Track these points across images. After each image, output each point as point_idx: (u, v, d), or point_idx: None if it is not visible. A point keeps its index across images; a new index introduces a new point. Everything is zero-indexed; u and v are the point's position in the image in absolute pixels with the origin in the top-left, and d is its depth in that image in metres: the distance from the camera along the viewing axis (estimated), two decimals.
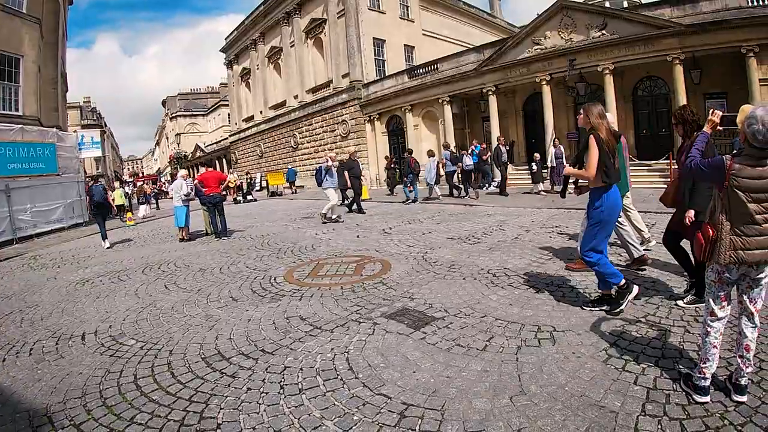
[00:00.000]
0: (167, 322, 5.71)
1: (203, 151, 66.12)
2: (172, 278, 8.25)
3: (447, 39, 36.32)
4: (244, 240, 11.94)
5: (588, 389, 3.29)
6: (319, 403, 3.43)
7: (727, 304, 3.09)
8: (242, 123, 48.24)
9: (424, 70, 26.69)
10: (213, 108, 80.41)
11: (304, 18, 35.40)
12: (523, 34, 21.35)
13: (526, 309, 5.02)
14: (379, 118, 29.71)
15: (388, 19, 32.60)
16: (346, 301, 5.87)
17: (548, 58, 20.05)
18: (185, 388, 3.89)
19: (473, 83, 23.42)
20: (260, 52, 42.22)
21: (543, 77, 20.35)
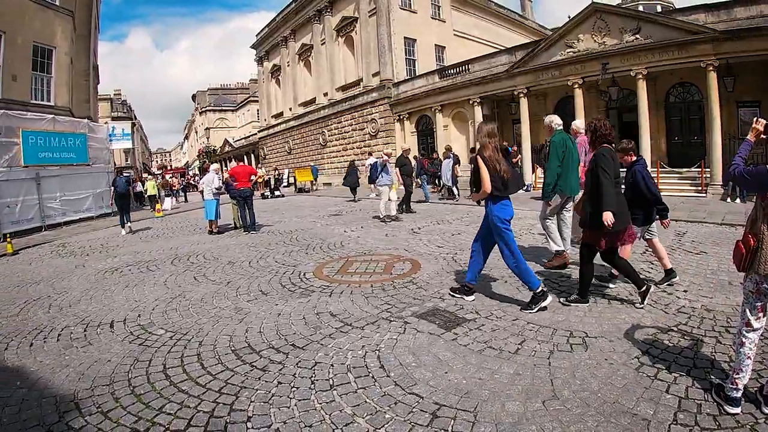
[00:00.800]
0: (197, 313, 5.81)
1: (232, 146, 66.85)
2: (201, 270, 8.40)
3: (478, 40, 36.12)
4: (272, 235, 12.07)
5: (621, 396, 3.30)
6: (350, 400, 3.46)
7: (763, 315, 3.07)
8: (271, 119, 48.62)
9: (455, 70, 26.57)
10: (242, 103, 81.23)
11: (336, 16, 35.52)
12: (555, 36, 21.13)
13: (558, 314, 5.02)
14: (409, 117, 29.69)
15: (420, 18, 32.55)
16: (376, 299, 5.91)
17: (581, 61, 19.81)
18: (215, 379, 3.94)
19: (504, 85, 23.26)
20: (291, 49, 42.46)
21: (575, 80, 20.13)
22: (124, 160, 61.63)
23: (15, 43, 18.19)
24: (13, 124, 16.38)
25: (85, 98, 23.64)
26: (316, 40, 37.98)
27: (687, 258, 7.27)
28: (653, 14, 19.89)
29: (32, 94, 19.48)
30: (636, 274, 5.18)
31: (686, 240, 8.71)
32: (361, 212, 15.99)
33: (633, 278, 5.16)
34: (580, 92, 20.18)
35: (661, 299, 5.29)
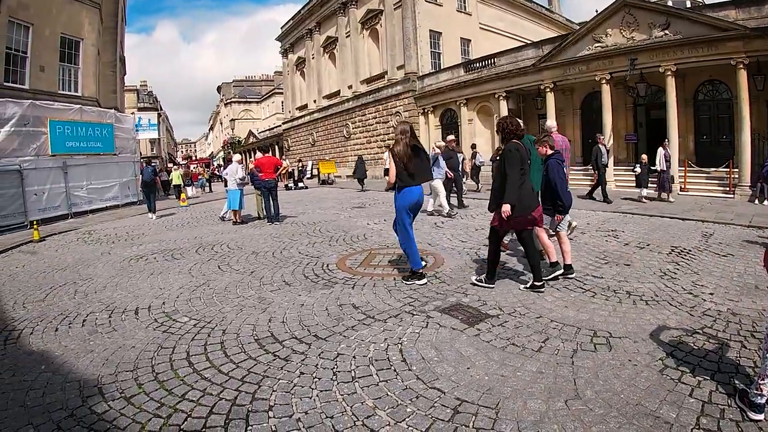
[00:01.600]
0: (221, 302, 5.89)
1: (256, 138, 67.31)
2: (225, 259, 8.50)
3: (504, 33, 35.80)
4: (295, 226, 12.17)
5: (643, 398, 3.28)
6: (372, 393, 3.48)
7: None
8: (296, 111, 48.81)
9: (480, 64, 26.34)
10: (267, 95, 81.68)
11: (361, 9, 35.44)
12: (583, 30, 20.85)
13: (582, 312, 5.00)
14: (433, 111, 29.56)
15: (445, 11, 32.34)
16: (399, 293, 5.94)
17: (609, 56, 19.52)
18: (238, 368, 3.99)
19: (531, 79, 23.01)
20: (315, 42, 42.51)
21: (603, 76, 19.85)
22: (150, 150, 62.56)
23: (43, 35, 18.53)
24: (41, 114, 16.68)
25: (112, 89, 24.04)
26: (341, 33, 37.99)
27: (714, 260, 7.17)
28: (683, 9, 19.48)
29: (60, 84, 19.87)
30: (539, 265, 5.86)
31: (713, 242, 8.59)
32: (384, 205, 16.01)
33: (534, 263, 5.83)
34: (607, 88, 19.90)
35: (687, 301, 5.25)
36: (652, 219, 11.32)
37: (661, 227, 10.21)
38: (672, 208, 12.72)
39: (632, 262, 7.13)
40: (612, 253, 7.86)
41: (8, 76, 17.26)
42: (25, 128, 15.99)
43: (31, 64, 18.11)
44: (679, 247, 8.15)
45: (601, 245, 8.52)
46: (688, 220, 10.70)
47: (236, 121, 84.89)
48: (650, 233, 9.55)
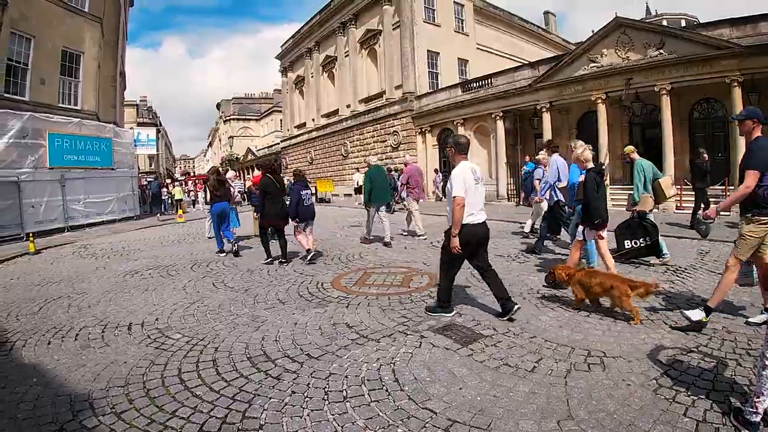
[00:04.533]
0: (214, 320, 5.87)
1: (254, 155, 67.52)
2: (220, 277, 8.49)
3: (501, 53, 36.18)
4: (292, 244, 12.10)
5: (637, 418, 3.25)
6: (363, 413, 3.45)
7: None
8: (294, 129, 49.06)
9: (477, 84, 26.59)
10: (266, 113, 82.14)
11: (360, 29, 35.81)
12: (579, 51, 21.07)
13: (576, 332, 4.98)
14: (431, 130, 29.72)
15: (443, 32, 32.68)
16: (393, 312, 5.92)
17: (604, 76, 19.71)
18: (229, 386, 3.97)
19: (527, 99, 23.23)
20: (315, 61, 42.89)
21: (598, 95, 20.02)
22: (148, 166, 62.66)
23: (44, 48, 18.68)
24: (40, 126, 16.78)
25: (112, 103, 24.15)
26: (339, 52, 38.33)
27: (709, 278, 7.14)
28: (677, 29, 19.73)
29: (59, 97, 19.98)
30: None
31: (709, 259, 8.59)
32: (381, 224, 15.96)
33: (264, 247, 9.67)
34: (603, 107, 20.06)
35: (682, 320, 5.21)
36: None
37: None
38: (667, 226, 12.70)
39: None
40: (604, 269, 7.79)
41: (9, 88, 17.35)
42: (24, 140, 16.06)
43: (32, 77, 18.22)
44: (674, 265, 8.13)
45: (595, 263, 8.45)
46: (684, 238, 10.68)
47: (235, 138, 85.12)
48: None
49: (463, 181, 5.29)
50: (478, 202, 5.48)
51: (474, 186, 5.43)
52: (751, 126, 4.82)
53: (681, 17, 61.05)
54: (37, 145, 16.64)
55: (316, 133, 42.70)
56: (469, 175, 5.40)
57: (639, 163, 8.66)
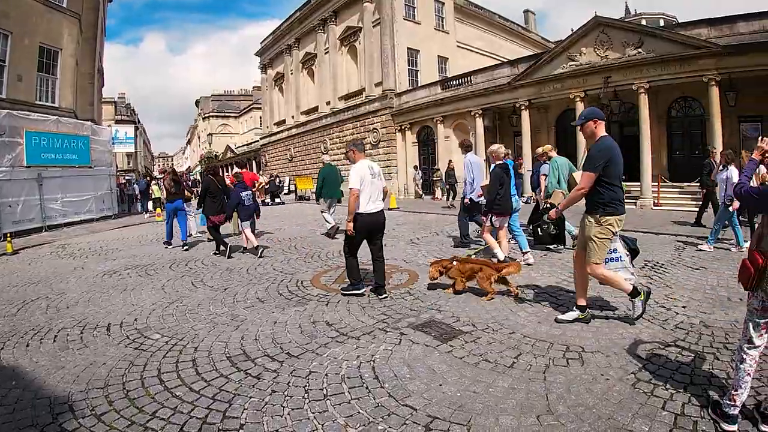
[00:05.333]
0: (193, 319, 5.80)
1: (234, 152, 67.00)
2: (199, 276, 8.40)
3: (480, 51, 36.29)
4: (271, 242, 12.06)
5: (616, 412, 3.27)
6: (343, 410, 3.44)
7: (766, 332, 3.05)
8: (273, 126, 48.72)
9: (457, 81, 26.66)
10: (245, 110, 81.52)
11: (340, 26, 35.64)
12: (558, 49, 21.21)
13: (555, 328, 4.99)
14: (410, 127, 29.71)
15: (423, 29, 32.68)
16: (372, 310, 5.90)
17: (583, 74, 19.87)
18: (209, 386, 3.92)
19: (506, 97, 23.32)
20: (294, 58, 42.64)
21: (577, 94, 20.17)
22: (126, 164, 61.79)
23: (22, 44, 18.31)
24: (17, 124, 16.43)
25: (90, 100, 23.77)
26: (319, 49, 38.13)
27: (686, 273, 7.26)
28: (656, 28, 19.97)
29: (37, 94, 19.62)
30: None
31: (686, 255, 8.70)
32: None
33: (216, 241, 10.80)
34: (581, 105, 20.20)
35: (660, 314, 5.27)
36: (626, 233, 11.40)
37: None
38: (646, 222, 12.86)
39: None
40: None
41: None
42: (1, 138, 15.73)
43: (9, 73, 17.87)
44: (652, 261, 8.22)
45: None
46: (662, 234, 10.81)
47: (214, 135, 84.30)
48: None
49: (360, 177, 6.21)
50: (374, 194, 6.40)
51: (370, 180, 6.32)
52: (593, 127, 5.01)
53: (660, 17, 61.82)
54: (14, 143, 16.29)
55: (296, 131, 42.41)
56: (366, 171, 6.31)
57: (554, 161, 9.54)
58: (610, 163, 4.75)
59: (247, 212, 10.64)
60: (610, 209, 4.80)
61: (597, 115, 5.04)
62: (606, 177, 4.76)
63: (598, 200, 4.83)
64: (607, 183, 4.77)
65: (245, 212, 10.56)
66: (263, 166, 49.99)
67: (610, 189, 4.78)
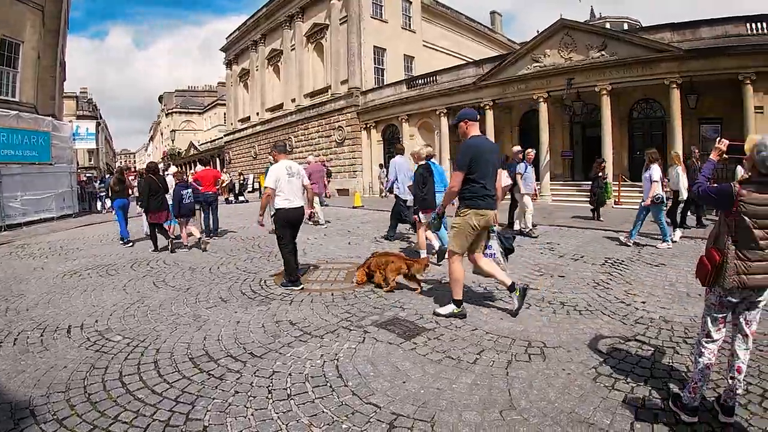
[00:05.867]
0: (155, 320, 5.66)
1: (197, 149, 65.94)
2: (161, 275, 8.20)
3: (446, 51, 36.51)
4: (234, 241, 11.89)
5: (577, 406, 3.30)
6: (307, 410, 3.40)
7: (723, 327, 3.13)
8: (238, 123, 48.11)
9: (422, 81, 26.77)
10: (209, 107, 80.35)
11: (307, 22, 35.39)
12: (523, 50, 21.48)
13: (517, 324, 5.03)
14: (376, 126, 29.68)
15: (390, 28, 32.69)
16: (336, 308, 5.86)
17: (547, 75, 20.16)
18: (171, 387, 3.84)
19: (471, 97, 23.48)
20: (260, 54, 42.16)
21: (540, 95, 20.46)
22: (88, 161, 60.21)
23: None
24: None
25: (51, 95, 22.96)
26: (286, 46, 37.80)
27: (646, 270, 7.42)
28: (619, 32, 20.39)
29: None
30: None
31: (645, 252, 8.89)
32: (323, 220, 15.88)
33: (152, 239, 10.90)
34: (545, 106, 20.53)
35: (620, 310, 5.37)
36: (587, 232, 11.67)
37: (595, 240, 10.52)
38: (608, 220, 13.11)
39: (566, 273, 7.32)
40: (547, 265, 8.04)
41: None
42: None
43: None
44: (612, 258, 8.40)
45: (536, 258, 8.71)
46: (623, 232, 11.02)
47: (177, 132, 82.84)
48: (585, 245, 9.83)
49: (276, 176, 6.74)
50: (292, 191, 6.88)
51: (288, 179, 6.81)
52: (464, 127, 5.31)
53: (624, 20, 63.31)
54: None
55: (261, 128, 41.93)
56: (283, 172, 6.81)
57: None
58: (475, 162, 5.05)
59: (187, 210, 11.10)
60: (470, 203, 5.13)
61: (468, 116, 5.33)
62: (471, 174, 5.07)
63: (462, 195, 5.19)
64: (472, 180, 5.09)
65: (185, 210, 11.03)
66: (227, 163, 49.36)
67: (473, 185, 5.09)
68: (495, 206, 5.33)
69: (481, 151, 5.10)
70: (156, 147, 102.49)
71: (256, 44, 42.70)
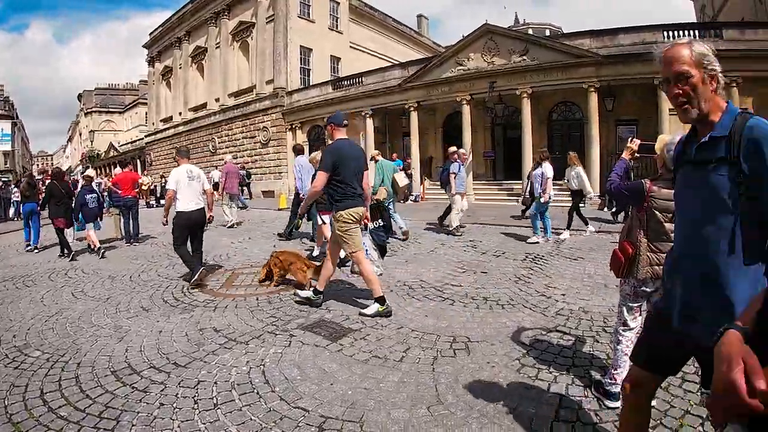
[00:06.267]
0: (75, 333, 5.34)
1: (117, 151, 63.01)
2: (80, 285, 7.76)
3: (373, 53, 36.72)
4: (156, 246, 11.46)
5: (503, 397, 3.38)
6: (235, 418, 3.31)
7: (639, 315, 3.30)
8: (160, 123, 46.30)
9: (348, 82, 26.80)
10: (130, 106, 76.90)
11: (233, 20, 34.64)
12: (448, 54, 21.90)
13: (441, 320, 5.11)
14: (301, 127, 29.40)
15: (317, 28, 32.52)
16: (261, 313, 5.74)
17: (470, 78, 20.65)
18: (95, 403, 3.63)
19: (396, 98, 23.73)
20: (184, 51, 40.79)
21: (464, 97, 20.91)
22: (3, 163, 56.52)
23: None
24: None
25: None
26: (210, 43, 36.83)
27: (565, 264, 7.73)
28: (541, 38, 21.20)
29: None
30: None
31: (564, 247, 9.27)
32: (250, 223, 15.58)
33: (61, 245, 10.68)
34: (468, 108, 21.00)
35: (541, 303, 5.55)
36: (509, 228, 12.02)
37: (517, 236, 10.86)
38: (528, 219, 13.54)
39: (489, 269, 7.55)
40: (470, 262, 8.23)
41: None
42: None
43: None
44: (533, 253, 8.71)
45: (459, 255, 8.91)
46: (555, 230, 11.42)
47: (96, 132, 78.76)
48: (506, 242, 10.15)
49: (176, 180, 7.18)
50: (192, 194, 7.32)
51: (187, 182, 7.26)
52: (330, 130, 5.69)
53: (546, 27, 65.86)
54: None
55: (183, 128, 40.56)
56: (183, 175, 7.24)
57: (380, 163, 10.74)
58: (339, 164, 5.31)
59: (91, 214, 10.86)
60: (342, 205, 5.37)
61: (334, 120, 5.68)
62: (337, 176, 5.32)
63: (331, 198, 5.46)
64: (338, 181, 5.34)
65: (90, 214, 10.81)
66: (148, 165, 47.51)
67: (340, 186, 5.36)
68: (363, 205, 5.59)
69: (344, 153, 5.38)
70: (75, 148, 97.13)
71: (180, 41, 41.31)
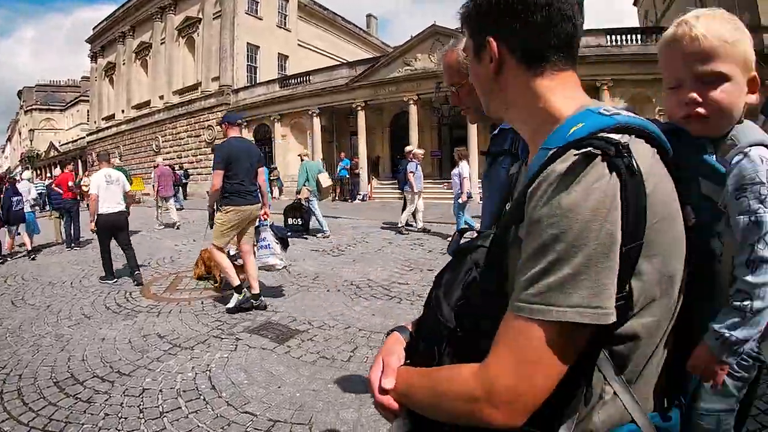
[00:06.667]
0: (15, 343, 5.16)
1: (58, 151, 60.55)
2: (20, 293, 7.48)
3: (321, 52, 36.62)
4: (97, 251, 11.03)
5: None
6: (182, 426, 3.30)
7: None
8: (102, 122, 44.68)
9: (295, 80, 26.71)
10: (72, 103, 73.81)
11: (179, 15, 33.91)
12: (395, 53, 22.10)
13: (389, 319, 5.21)
14: (247, 125, 28.98)
15: (265, 25, 32.20)
16: (206, 317, 5.71)
17: (417, 78, 20.90)
18: (38, 416, 3.55)
19: (344, 97, 23.81)
20: (128, 47, 39.57)
21: (411, 97, 21.16)
22: None
23: None
24: None
25: None
26: (155, 39, 35.90)
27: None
28: None
29: None
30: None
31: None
32: (194, 225, 15.28)
33: None
34: (415, 108, 21.27)
35: None
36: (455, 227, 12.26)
37: None
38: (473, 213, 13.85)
39: (435, 267, 7.66)
40: (417, 260, 8.42)
41: None
42: None
43: None
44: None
45: (406, 253, 9.09)
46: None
47: (36, 131, 75.29)
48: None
49: (96, 184, 7.52)
50: (111, 197, 7.61)
51: (106, 186, 7.56)
52: (225, 129, 5.99)
53: None
54: None
55: (126, 126, 39.41)
56: (102, 179, 7.58)
57: (304, 164, 11.41)
58: (230, 161, 5.56)
59: (16, 217, 10.74)
60: (228, 200, 5.65)
61: (227, 120, 6.00)
62: (228, 173, 5.57)
63: (222, 193, 5.66)
64: (229, 177, 5.59)
65: (14, 217, 10.69)
66: (90, 165, 45.88)
67: (230, 184, 5.61)
68: (256, 202, 5.86)
69: (234, 151, 5.61)
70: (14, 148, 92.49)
71: (124, 36, 40.01)
